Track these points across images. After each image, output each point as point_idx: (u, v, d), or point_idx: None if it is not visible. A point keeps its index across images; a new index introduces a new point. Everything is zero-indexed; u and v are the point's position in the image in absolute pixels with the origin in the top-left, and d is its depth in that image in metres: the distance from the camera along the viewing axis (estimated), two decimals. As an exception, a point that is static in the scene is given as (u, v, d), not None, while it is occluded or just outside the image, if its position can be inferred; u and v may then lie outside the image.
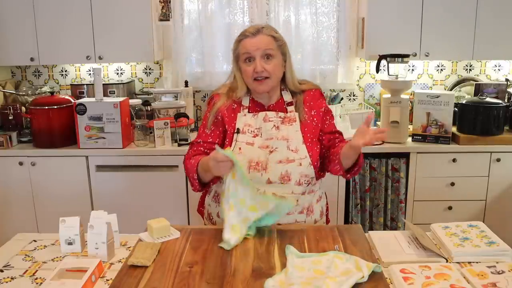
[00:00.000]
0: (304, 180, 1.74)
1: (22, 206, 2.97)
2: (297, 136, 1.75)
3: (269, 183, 1.71)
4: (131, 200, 2.93)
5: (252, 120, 1.77)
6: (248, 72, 1.71)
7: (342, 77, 3.42)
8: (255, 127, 1.76)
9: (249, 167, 1.71)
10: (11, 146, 2.98)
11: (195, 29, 3.38)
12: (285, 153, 1.72)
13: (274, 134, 1.74)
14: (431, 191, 2.92)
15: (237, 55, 1.74)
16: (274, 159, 1.72)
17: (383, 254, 1.48)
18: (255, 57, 1.69)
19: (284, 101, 1.81)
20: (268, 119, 1.76)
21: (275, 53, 1.71)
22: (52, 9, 3.04)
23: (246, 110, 1.79)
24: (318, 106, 1.82)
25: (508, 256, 1.46)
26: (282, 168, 1.71)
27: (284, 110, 1.79)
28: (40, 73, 3.53)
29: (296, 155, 1.72)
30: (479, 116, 2.87)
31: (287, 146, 1.73)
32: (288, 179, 1.72)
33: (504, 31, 2.99)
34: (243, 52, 1.71)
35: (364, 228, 2.33)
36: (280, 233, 1.62)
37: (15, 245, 1.61)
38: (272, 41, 1.72)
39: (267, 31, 1.73)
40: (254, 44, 1.69)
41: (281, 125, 1.76)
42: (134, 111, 3.13)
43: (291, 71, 1.80)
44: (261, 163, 1.71)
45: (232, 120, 1.78)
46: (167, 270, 1.38)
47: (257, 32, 1.71)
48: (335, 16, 3.33)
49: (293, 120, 1.77)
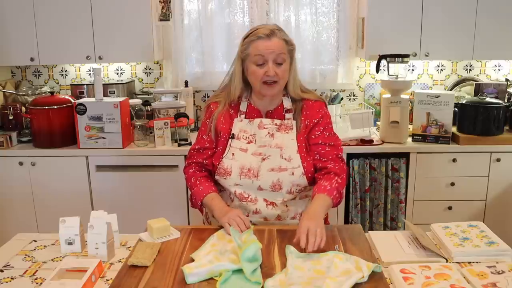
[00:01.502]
0: (295, 189, 1.73)
1: (22, 206, 2.97)
2: (292, 144, 1.73)
3: (260, 190, 1.72)
4: (131, 200, 2.93)
5: (247, 126, 1.76)
6: (258, 75, 1.67)
7: (342, 77, 3.42)
8: (250, 133, 1.75)
9: (241, 174, 1.71)
10: (11, 146, 2.98)
11: (195, 29, 3.38)
12: (277, 161, 1.71)
13: (267, 142, 1.73)
14: (431, 191, 2.92)
15: (247, 55, 1.69)
16: (266, 166, 1.70)
17: (383, 254, 1.48)
18: (268, 60, 1.65)
19: (283, 107, 1.78)
20: (263, 126, 1.75)
21: (286, 58, 1.68)
22: (52, 9, 3.04)
23: (243, 115, 1.78)
24: (312, 117, 1.77)
25: (508, 256, 1.46)
26: (274, 176, 1.70)
27: (282, 116, 1.77)
28: (40, 73, 3.53)
29: (289, 164, 1.71)
30: (479, 116, 2.86)
31: (281, 154, 1.71)
32: (279, 187, 1.71)
33: (504, 31, 2.99)
34: (256, 53, 1.66)
35: (364, 228, 2.34)
36: (280, 233, 1.62)
37: (15, 245, 1.61)
38: (285, 45, 1.68)
39: (281, 34, 1.69)
40: (268, 47, 1.65)
41: (277, 133, 1.74)
42: (134, 111, 3.13)
43: (295, 76, 1.77)
44: (252, 170, 1.70)
45: (228, 126, 1.77)
46: (167, 270, 1.38)
47: (272, 34, 1.66)
48: (335, 16, 3.33)
49: (289, 128, 1.75)
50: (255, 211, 1.73)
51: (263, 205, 1.73)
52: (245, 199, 1.73)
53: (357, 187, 2.94)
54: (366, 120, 2.85)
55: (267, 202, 1.73)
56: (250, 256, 1.36)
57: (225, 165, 1.73)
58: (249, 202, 1.73)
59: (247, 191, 1.72)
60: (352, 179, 2.93)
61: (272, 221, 1.74)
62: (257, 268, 1.36)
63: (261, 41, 1.65)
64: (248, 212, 1.73)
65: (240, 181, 1.71)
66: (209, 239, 1.55)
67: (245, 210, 1.73)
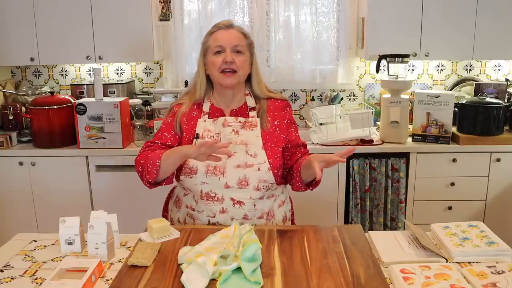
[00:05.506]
0: (262, 185, 1.73)
1: (22, 206, 2.97)
2: (256, 141, 1.74)
3: (227, 187, 1.71)
4: (131, 200, 2.92)
5: (211, 125, 1.77)
6: (216, 64, 1.72)
7: (342, 77, 3.42)
8: (215, 132, 1.76)
9: (207, 172, 1.70)
10: (11, 146, 2.98)
11: (195, 29, 3.38)
12: (243, 158, 1.71)
13: (233, 139, 1.73)
14: (431, 191, 2.92)
15: (207, 48, 1.76)
16: (233, 163, 1.70)
17: (383, 254, 1.48)
18: (225, 49, 1.71)
19: (247, 106, 1.81)
20: (227, 124, 1.76)
21: (244, 50, 1.75)
22: (52, 9, 3.04)
23: (206, 116, 1.79)
24: (282, 117, 1.81)
25: (508, 256, 1.46)
26: (240, 172, 1.70)
27: (246, 115, 1.79)
28: (40, 73, 3.53)
29: (255, 159, 1.71)
30: (479, 116, 2.86)
31: (246, 150, 1.72)
32: (246, 183, 1.71)
33: (504, 31, 2.99)
34: (215, 45, 1.72)
35: (364, 228, 2.35)
36: (280, 233, 1.62)
37: (15, 245, 1.61)
38: (243, 37, 1.76)
39: (239, 28, 1.78)
40: (226, 37, 1.72)
41: (241, 130, 1.75)
42: (134, 111, 3.13)
43: (257, 73, 1.82)
44: (219, 167, 1.70)
45: (192, 127, 1.78)
46: (167, 270, 1.38)
47: (230, 26, 1.76)
48: (335, 16, 3.33)
49: (254, 125, 1.76)
50: (222, 210, 1.72)
51: (230, 204, 1.72)
52: (211, 199, 1.72)
53: (357, 187, 2.94)
54: (366, 120, 2.85)
55: (234, 201, 1.72)
56: (250, 256, 1.36)
57: (190, 164, 1.71)
58: (216, 201, 1.72)
59: (214, 189, 1.71)
60: (352, 179, 2.93)
61: (239, 221, 1.71)
62: (257, 268, 1.36)
63: (220, 31, 1.75)
64: (213, 213, 1.73)
65: (207, 179, 1.70)
66: (208, 238, 1.54)
67: (210, 211, 1.73)
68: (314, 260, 1.43)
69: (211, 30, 1.77)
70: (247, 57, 1.76)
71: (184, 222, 1.81)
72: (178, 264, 1.41)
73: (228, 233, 1.54)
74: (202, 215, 1.74)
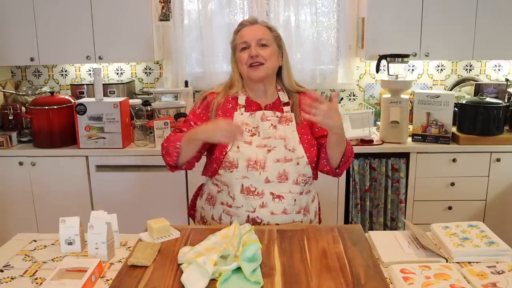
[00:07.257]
0: (301, 180, 1.75)
1: (22, 206, 2.97)
2: (293, 136, 1.75)
3: (267, 182, 1.72)
4: (131, 200, 2.93)
5: (249, 119, 1.77)
6: (243, 59, 1.75)
7: (342, 77, 3.42)
8: (253, 126, 1.76)
9: (248, 166, 1.71)
10: (11, 146, 2.98)
11: (195, 29, 3.38)
12: (282, 152, 1.73)
13: (271, 133, 1.74)
14: (431, 191, 2.92)
15: (235, 46, 1.80)
16: (272, 158, 1.72)
17: (383, 254, 1.48)
18: (250, 44, 1.73)
19: (280, 101, 1.82)
20: (266, 118, 1.77)
21: (270, 43, 1.76)
22: (52, 9, 3.04)
23: (242, 109, 1.79)
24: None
25: (508, 256, 1.46)
26: (280, 167, 1.72)
27: (281, 110, 1.80)
28: (40, 73, 3.53)
29: (294, 154, 1.73)
30: (479, 116, 2.86)
31: (285, 145, 1.74)
32: (285, 178, 1.72)
33: (504, 31, 2.99)
34: (240, 41, 1.76)
35: (364, 228, 2.35)
36: (280, 233, 1.62)
37: (15, 245, 1.61)
38: (268, 31, 1.78)
39: (262, 22, 1.82)
40: (250, 32, 1.75)
41: (278, 125, 1.76)
42: (134, 111, 3.13)
43: (288, 67, 1.83)
44: (259, 162, 1.71)
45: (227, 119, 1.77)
46: (167, 270, 1.38)
47: (255, 22, 1.80)
48: (335, 16, 3.34)
49: (289, 120, 1.78)
50: (262, 205, 1.72)
51: (270, 199, 1.73)
52: (251, 193, 1.72)
53: (357, 187, 2.94)
54: (366, 120, 2.85)
55: (274, 195, 1.73)
56: (250, 256, 1.36)
57: (230, 158, 1.72)
58: (256, 195, 1.72)
59: (254, 184, 1.72)
60: (352, 179, 2.93)
61: (278, 215, 1.73)
62: (257, 268, 1.36)
63: (245, 28, 1.78)
64: (254, 207, 1.73)
65: (248, 174, 1.71)
66: (208, 238, 1.54)
67: (250, 206, 1.73)
68: (314, 260, 1.43)
69: (237, 29, 1.81)
70: (274, 50, 1.77)
71: (220, 219, 1.79)
72: (178, 264, 1.41)
73: (228, 233, 1.54)
74: (241, 210, 1.74)
